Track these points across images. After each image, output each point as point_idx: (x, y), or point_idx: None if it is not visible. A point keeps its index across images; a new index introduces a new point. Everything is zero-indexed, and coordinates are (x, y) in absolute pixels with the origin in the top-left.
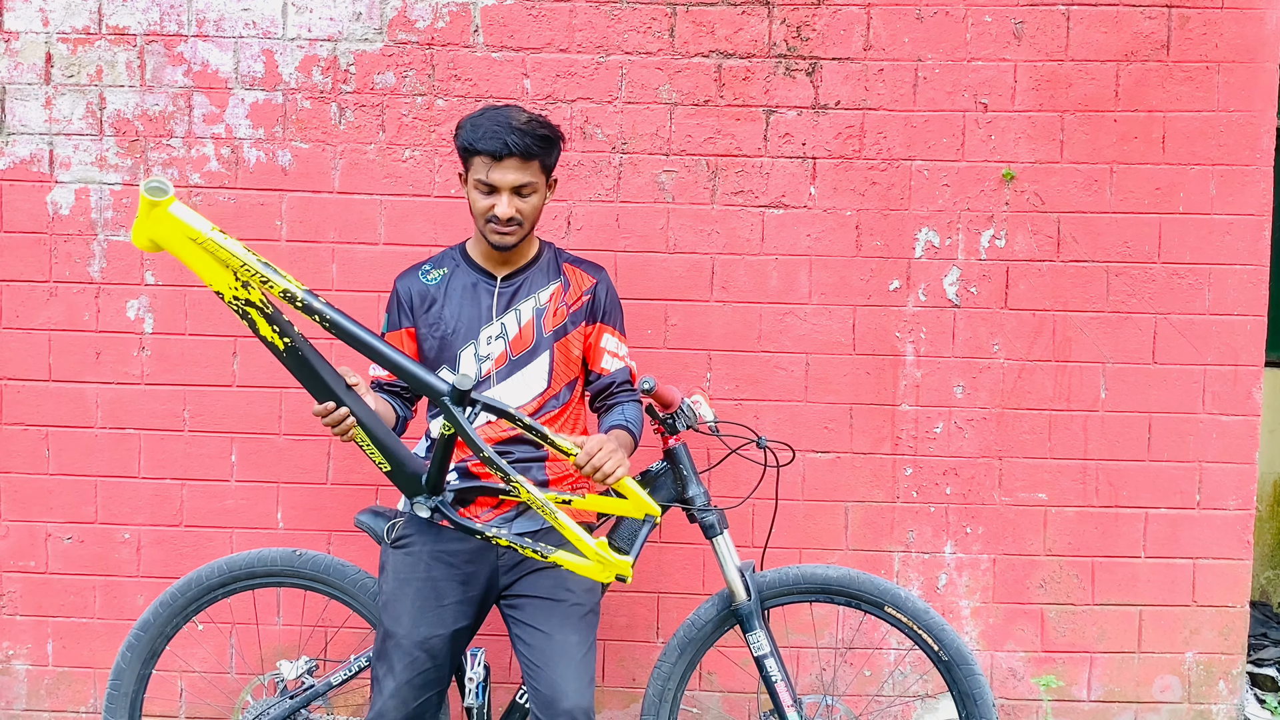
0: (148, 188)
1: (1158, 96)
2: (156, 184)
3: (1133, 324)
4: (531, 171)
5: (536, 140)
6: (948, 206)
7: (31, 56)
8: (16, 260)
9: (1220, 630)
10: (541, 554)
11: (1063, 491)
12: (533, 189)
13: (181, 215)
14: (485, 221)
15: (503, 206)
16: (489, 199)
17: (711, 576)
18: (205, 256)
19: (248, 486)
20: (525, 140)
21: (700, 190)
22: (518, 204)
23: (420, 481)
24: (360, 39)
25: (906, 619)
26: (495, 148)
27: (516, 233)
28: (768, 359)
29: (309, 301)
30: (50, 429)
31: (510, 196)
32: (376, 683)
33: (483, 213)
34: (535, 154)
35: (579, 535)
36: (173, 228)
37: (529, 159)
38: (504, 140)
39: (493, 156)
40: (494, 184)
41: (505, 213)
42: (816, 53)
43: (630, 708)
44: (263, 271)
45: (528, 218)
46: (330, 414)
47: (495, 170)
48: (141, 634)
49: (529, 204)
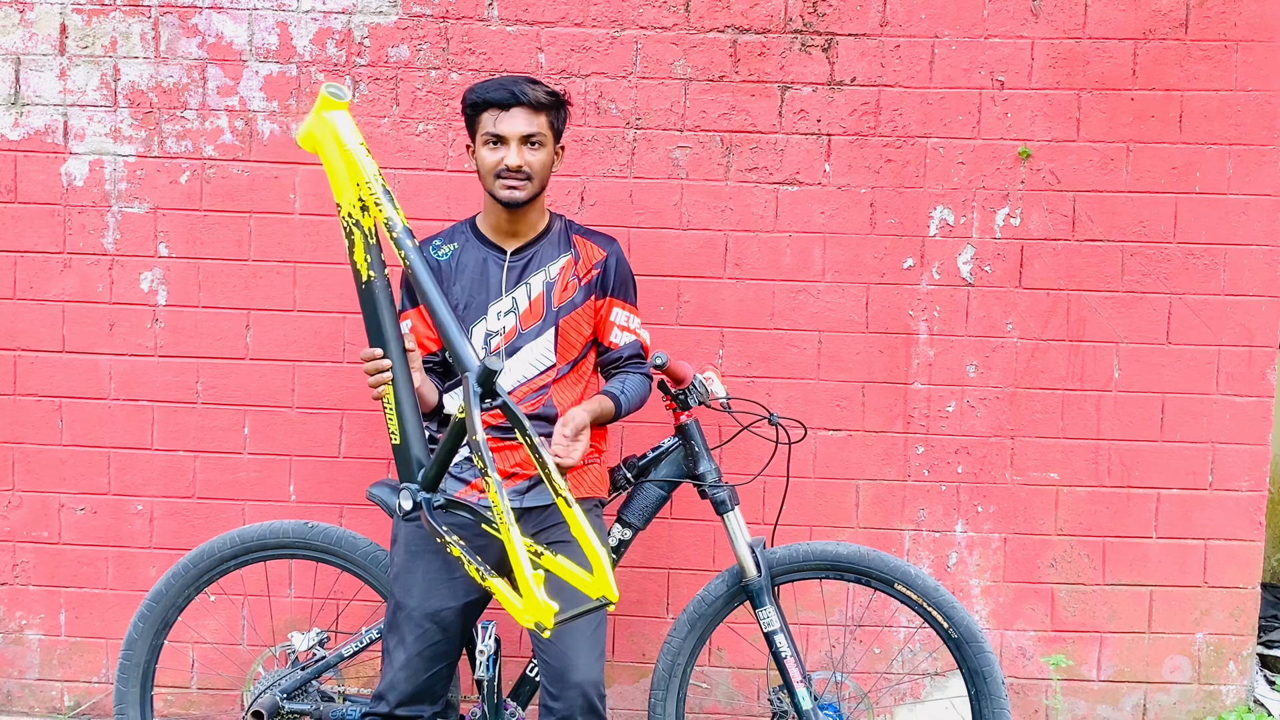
0: (329, 90)
1: (1175, 75)
2: (336, 89)
3: (1147, 304)
4: (540, 124)
5: (545, 93)
6: (963, 185)
7: (46, 27)
8: (30, 231)
9: (1231, 611)
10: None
11: (1075, 471)
12: (541, 142)
13: (340, 124)
14: (495, 178)
15: (512, 156)
16: (498, 152)
17: (722, 553)
18: (344, 166)
19: (260, 459)
20: (534, 91)
21: (714, 166)
22: (527, 155)
23: (416, 470)
24: (375, 12)
25: (917, 596)
26: (503, 97)
27: (526, 187)
28: (780, 336)
29: (401, 238)
30: (64, 400)
31: (519, 146)
32: (387, 654)
33: (491, 168)
34: (544, 106)
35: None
36: (331, 132)
37: (537, 110)
38: (511, 90)
39: (501, 106)
40: (502, 134)
41: (515, 161)
42: (833, 28)
43: (640, 682)
44: (380, 196)
45: (537, 173)
46: (374, 360)
47: (504, 119)
48: (154, 604)
49: (538, 158)
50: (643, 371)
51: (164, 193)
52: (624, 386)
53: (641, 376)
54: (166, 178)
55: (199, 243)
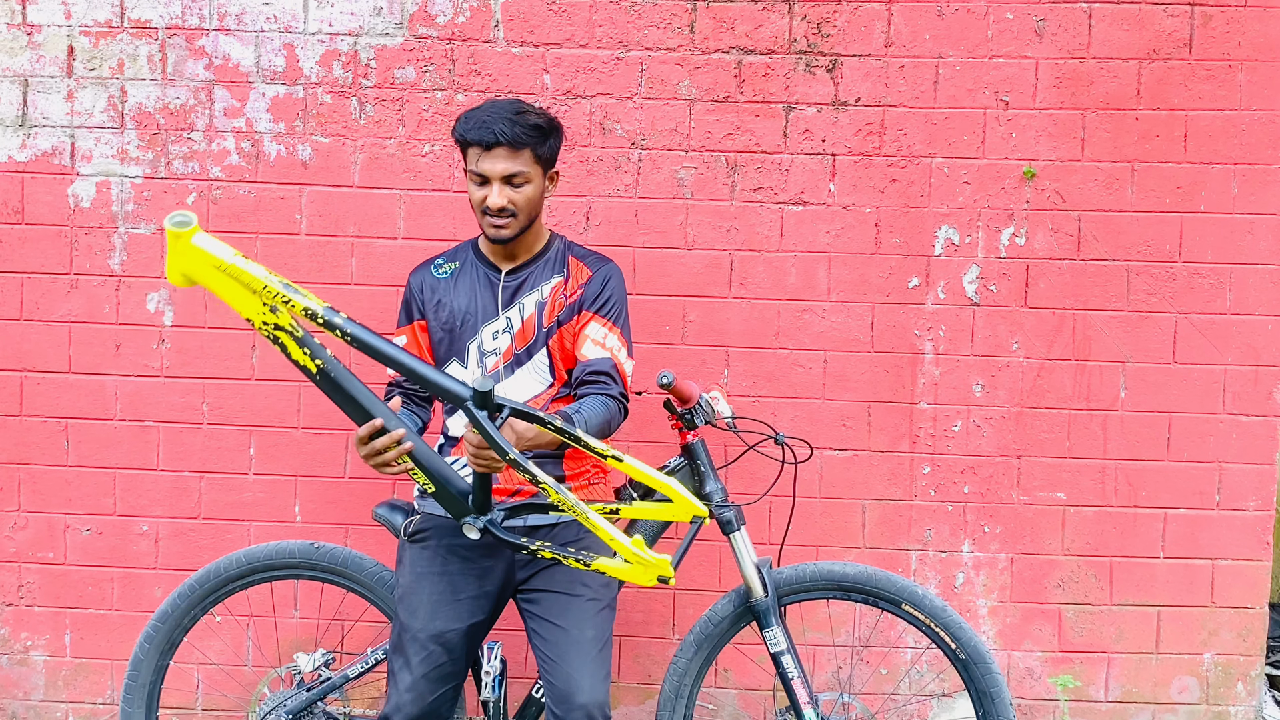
0: (171, 221)
1: (1180, 95)
2: (180, 218)
3: (1153, 323)
4: (522, 161)
5: (526, 130)
6: (968, 204)
7: (54, 49)
8: (37, 252)
9: (1239, 631)
10: (584, 563)
11: (1081, 491)
12: (525, 179)
13: (204, 245)
14: (481, 213)
15: (494, 197)
16: (482, 190)
17: (728, 573)
18: (233, 284)
19: (266, 479)
20: (514, 129)
21: (719, 186)
22: (510, 194)
23: (466, 501)
24: (381, 33)
25: (924, 617)
26: (483, 137)
27: (512, 224)
28: (786, 356)
29: (330, 318)
30: (70, 420)
31: (501, 186)
32: (393, 676)
33: (477, 204)
34: (524, 143)
35: (614, 536)
36: (199, 258)
37: (518, 148)
38: (491, 130)
39: (483, 146)
40: (484, 174)
41: (496, 202)
42: (837, 49)
43: (646, 704)
44: (284, 292)
45: (522, 209)
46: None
47: (485, 160)
48: (159, 625)
49: (522, 194)
50: (608, 393)
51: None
52: (580, 406)
53: (604, 398)
54: (173, 199)
55: None
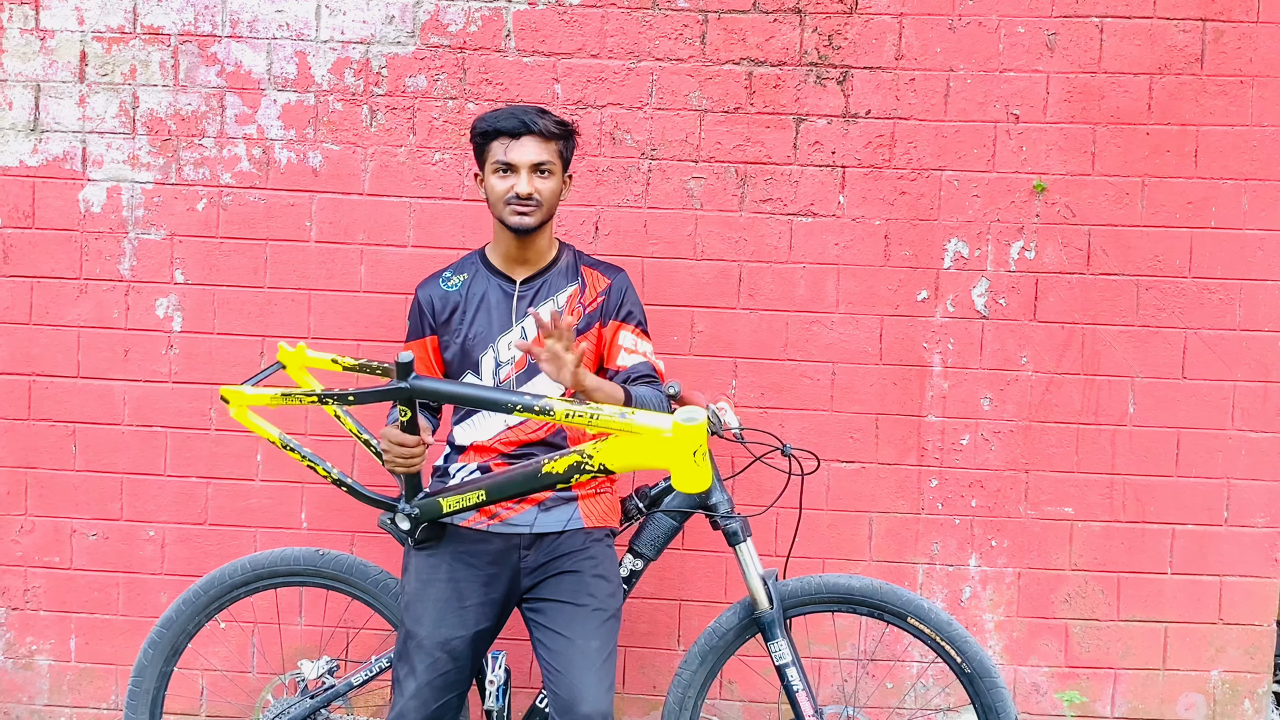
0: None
1: (1191, 110)
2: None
3: (1162, 338)
4: (550, 152)
5: (554, 122)
6: (977, 217)
7: (66, 55)
8: (48, 257)
9: (1246, 649)
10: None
11: (1089, 506)
12: (550, 170)
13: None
14: (505, 204)
15: (522, 184)
16: (507, 180)
17: (734, 584)
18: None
19: (272, 486)
20: (543, 120)
21: (729, 197)
22: (536, 183)
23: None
24: (393, 42)
25: (930, 631)
26: (513, 126)
27: (536, 214)
28: (794, 367)
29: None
30: (77, 425)
31: (529, 174)
32: (397, 683)
33: (501, 196)
34: (553, 135)
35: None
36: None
37: (547, 139)
38: (521, 119)
39: (511, 135)
40: (512, 162)
41: (525, 189)
42: (848, 61)
43: (650, 715)
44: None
45: (546, 200)
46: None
47: (514, 148)
48: (164, 631)
49: (548, 185)
50: (658, 387)
51: (181, 220)
52: (634, 388)
53: (656, 390)
54: (183, 205)
55: (215, 270)
